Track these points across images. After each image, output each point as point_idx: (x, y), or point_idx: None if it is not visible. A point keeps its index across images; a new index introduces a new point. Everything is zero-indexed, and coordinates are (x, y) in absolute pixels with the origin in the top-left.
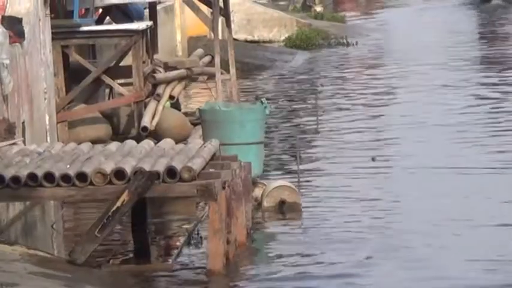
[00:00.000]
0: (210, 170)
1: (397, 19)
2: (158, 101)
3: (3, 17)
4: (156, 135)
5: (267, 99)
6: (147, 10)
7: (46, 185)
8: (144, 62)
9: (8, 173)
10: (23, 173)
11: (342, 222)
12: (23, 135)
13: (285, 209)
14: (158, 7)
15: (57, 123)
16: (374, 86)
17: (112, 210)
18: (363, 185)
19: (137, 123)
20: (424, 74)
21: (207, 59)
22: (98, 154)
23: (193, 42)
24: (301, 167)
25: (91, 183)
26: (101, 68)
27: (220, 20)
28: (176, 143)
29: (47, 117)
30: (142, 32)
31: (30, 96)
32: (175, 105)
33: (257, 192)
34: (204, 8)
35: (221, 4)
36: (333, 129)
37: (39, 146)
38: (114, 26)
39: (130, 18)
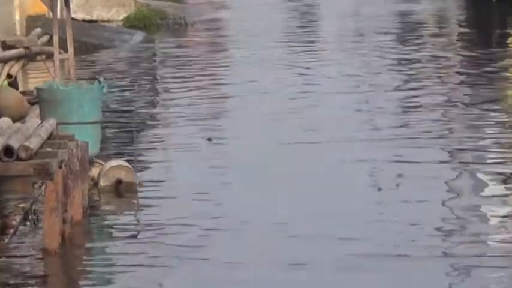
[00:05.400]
0: (47, 149)
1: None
2: None
3: None
4: None
5: (105, 78)
6: None
7: None
8: None
9: None
10: None
11: (177, 201)
12: None
13: (121, 189)
14: None
15: None
16: (213, 64)
17: None
18: (199, 163)
19: None
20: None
21: (45, 38)
22: None
23: (31, 21)
24: (138, 146)
25: None
26: None
27: None
28: (13, 121)
29: None
30: None
31: None
32: (13, 84)
33: (94, 171)
34: None
35: None
36: (171, 108)
37: None
38: None
39: None
